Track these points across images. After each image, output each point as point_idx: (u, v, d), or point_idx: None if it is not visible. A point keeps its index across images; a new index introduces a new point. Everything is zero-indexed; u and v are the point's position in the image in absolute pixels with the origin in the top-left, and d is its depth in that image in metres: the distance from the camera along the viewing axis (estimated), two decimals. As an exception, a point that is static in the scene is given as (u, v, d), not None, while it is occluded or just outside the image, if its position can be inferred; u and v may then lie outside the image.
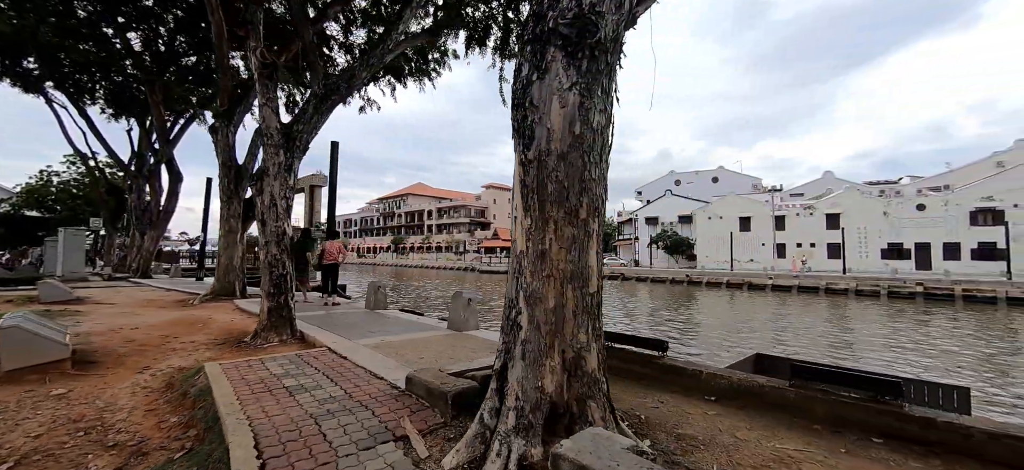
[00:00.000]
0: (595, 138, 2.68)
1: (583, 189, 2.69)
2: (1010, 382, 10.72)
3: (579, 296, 2.76)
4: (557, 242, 2.71)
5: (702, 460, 2.74)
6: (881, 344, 15.14)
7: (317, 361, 4.79)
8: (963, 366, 12.22)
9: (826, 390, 3.39)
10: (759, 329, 18.30)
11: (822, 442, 3.04)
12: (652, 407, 3.72)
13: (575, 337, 2.75)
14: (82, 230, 16.43)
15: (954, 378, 10.94)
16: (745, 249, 43.30)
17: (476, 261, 63.92)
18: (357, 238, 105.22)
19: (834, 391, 3.35)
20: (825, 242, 39.26)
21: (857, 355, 13.51)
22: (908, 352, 13.92)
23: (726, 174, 56.96)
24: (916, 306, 25.55)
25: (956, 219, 33.84)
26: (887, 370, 11.68)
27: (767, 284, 35.43)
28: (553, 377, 2.72)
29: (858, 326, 19.04)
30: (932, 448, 2.89)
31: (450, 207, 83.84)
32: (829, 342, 15.45)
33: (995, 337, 16.25)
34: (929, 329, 18.13)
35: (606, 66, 2.66)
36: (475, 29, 14.12)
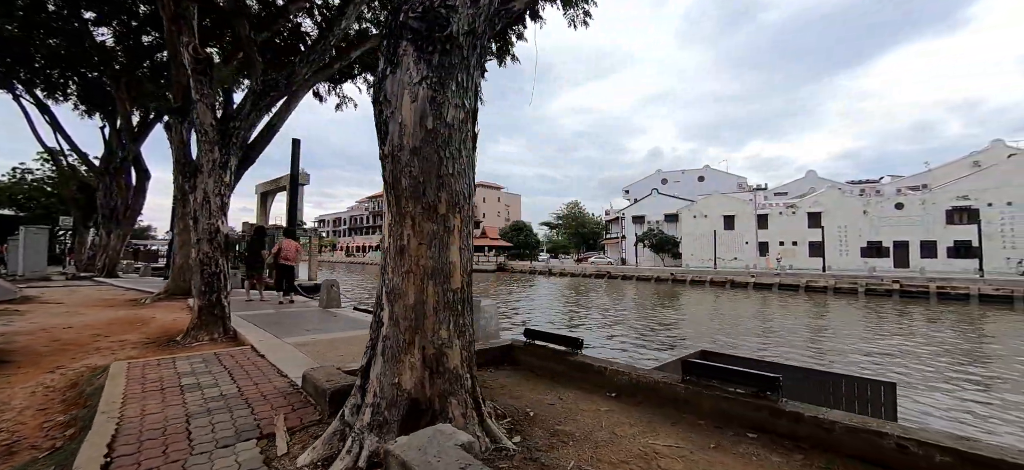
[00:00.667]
0: (452, 133, 2.64)
1: (441, 184, 2.66)
2: (954, 377, 10.89)
3: (441, 292, 2.72)
4: (416, 237, 2.67)
5: (564, 456, 2.73)
6: (848, 339, 15.32)
7: (230, 359, 4.72)
8: (916, 361, 12.40)
9: (712, 386, 3.40)
10: (731, 326, 18.44)
11: (697, 437, 3.03)
12: (548, 404, 3.71)
13: (436, 333, 2.72)
14: (43, 228, 16.12)
15: (911, 373, 11.10)
16: (729, 247, 43.66)
17: (464, 260, 63.81)
18: (346, 237, 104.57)
19: (720, 387, 3.36)
20: (807, 240, 39.70)
21: (821, 352, 13.65)
22: (870, 346, 14.09)
23: (712, 173, 57.36)
24: (892, 303, 25.92)
25: (933, 218, 34.36)
26: (843, 364, 11.82)
27: (749, 282, 35.74)
28: (413, 374, 2.69)
29: (830, 323, 19.25)
30: (800, 443, 2.90)
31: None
32: (800, 338, 15.60)
33: (958, 333, 16.51)
34: (899, 325, 18.38)
35: (461, 60, 2.63)
36: None
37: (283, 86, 6.80)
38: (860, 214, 37.48)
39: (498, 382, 4.33)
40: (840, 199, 38.98)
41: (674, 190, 56.18)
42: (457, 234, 2.76)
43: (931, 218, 34.44)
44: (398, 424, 2.62)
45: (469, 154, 2.79)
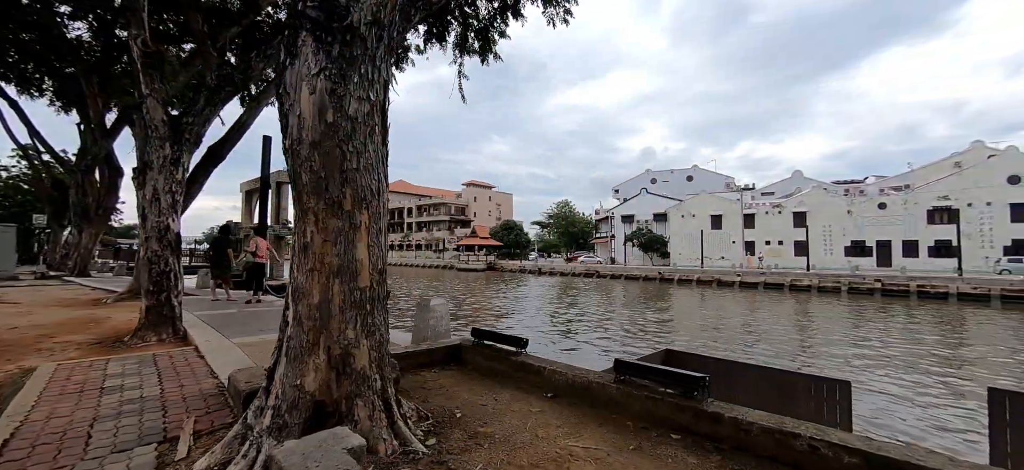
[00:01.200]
0: (355, 126, 2.55)
1: (345, 179, 2.57)
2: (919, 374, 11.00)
3: (347, 291, 2.64)
4: (319, 234, 2.58)
5: (474, 459, 2.65)
6: (819, 336, 15.44)
7: (168, 361, 4.59)
8: (889, 358, 12.51)
9: (643, 386, 3.34)
10: (711, 324, 18.52)
11: (620, 439, 2.98)
12: (480, 405, 3.63)
13: (343, 334, 2.63)
14: (10, 226, 15.74)
15: (878, 370, 11.19)
16: (716, 247, 43.95)
17: (455, 259, 63.65)
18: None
19: (652, 387, 3.31)
20: (792, 240, 40.06)
21: (793, 350, 13.73)
22: (842, 345, 14.21)
23: (700, 173, 57.68)
24: (873, 302, 26.22)
25: (914, 217, 34.83)
26: (816, 362, 11.89)
27: (735, 281, 35.99)
28: (317, 375, 2.60)
29: (808, 321, 19.40)
30: (720, 444, 2.85)
31: (430, 205, 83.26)
32: (776, 336, 15.69)
33: (932, 332, 16.72)
34: (874, 323, 18.57)
35: (365, 52, 2.54)
36: (433, 24, 13.97)
37: (238, 81, 6.65)
38: (844, 214, 37.90)
39: (438, 383, 4.25)
40: (825, 199, 39.39)
41: (663, 190, 56.44)
42: (365, 231, 2.67)
43: (913, 218, 34.91)
44: (300, 427, 2.53)
45: (377, 149, 2.70)
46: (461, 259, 60.99)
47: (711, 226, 44.60)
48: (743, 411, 2.86)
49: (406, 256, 76.14)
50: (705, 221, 44.78)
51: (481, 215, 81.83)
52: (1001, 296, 24.83)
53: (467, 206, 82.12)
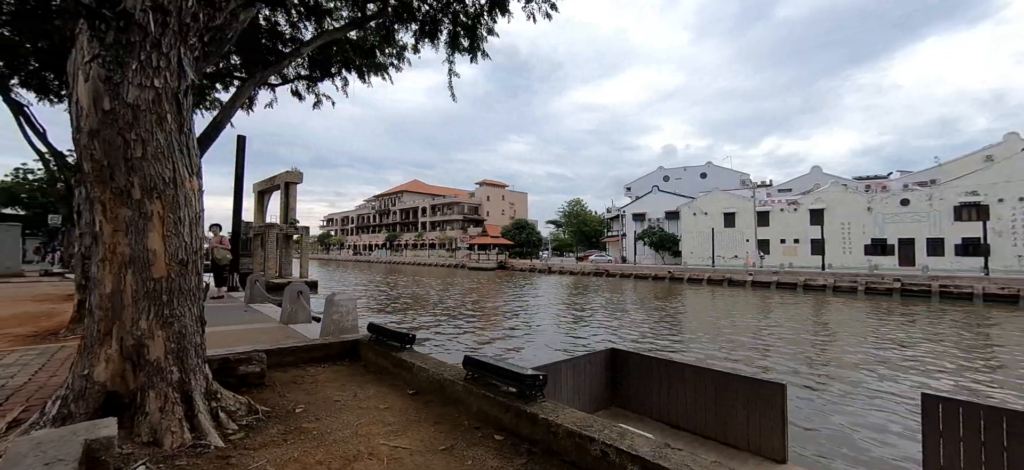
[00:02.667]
0: (137, 114, 2.50)
1: (131, 168, 2.52)
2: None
3: (140, 281, 2.59)
4: (108, 224, 2.54)
5: (264, 456, 2.56)
6: (822, 338, 14.74)
7: (66, 353, 4.68)
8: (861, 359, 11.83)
9: (487, 384, 3.20)
10: (704, 324, 17.96)
11: (440, 438, 2.84)
12: (334, 400, 3.54)
13: (136, 324, 2.58)
14: (15, 225, 16.60)
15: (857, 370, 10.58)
16: (729, 245, 42.71)
17: (466, 258, 63.92)
18: (354, 235, 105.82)
19: (494, 386, 3.16)
20: (809, 238, 38.55)
21: (771, 351, 13.16)
22: (837, 346, 13.53)
23: (715, 169, 56.15)
24: (890, 302, 24.98)
25: (940, 214, 32.99)
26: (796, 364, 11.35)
27: (747, 280, 34.92)
28: (109, 366, 2.56)
29: (811, 323, 18.60)
30: (534, 446, 2.69)
31: (444, 204, 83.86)
32: (767, 337, 15.08)
33: (950, 332, 15.74)
34: (884, 325, 17.65)
35: (145, 38, 2.48)
36: (425, 22, 14.05)
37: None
38: (864, 211, 36.23)
39: (317, 377, 4.18)
40: (843, 195, 37.74)
41: (676, 187, 55.22)
42: (159, 221, 2.61)
43: (938, 215, 33.07)
44: (86, 417, 2.49)
45: (171, 137, 2.64)
46: (472, 258, 61.20)
47: (724, 224, 43.37)
48: (558, 412, 2.68)
49: (420, 255, 76.90)
50: (718, 219, 43.57)
51: (494, 214, 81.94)
52: (1032, 297, 23.27)
53: (480, 205, 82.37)
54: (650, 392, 5.97)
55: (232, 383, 3.63)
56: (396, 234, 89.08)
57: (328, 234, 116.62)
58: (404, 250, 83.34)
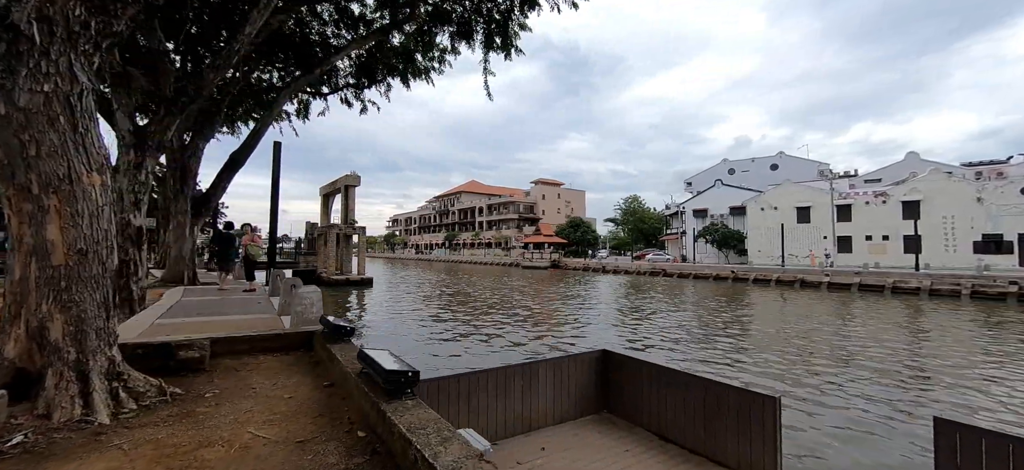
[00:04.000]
0: (30, 117, 2.74)
1: (29, 166, 2.77)
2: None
3: (41, 269, 2.85)
4: (15, 217, 2.82)
5: (142, 436, 2.70)
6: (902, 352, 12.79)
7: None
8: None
9: (370, 380, 3.13)
10: (768, 335, 16.40)
11: (308, 431, 2.82)
12: (251, 388, 3.66)
13: (39, 307, 2.85)
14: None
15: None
16: (803, 243, 38.73)
17: (520, 257, 64.22)
18: (416, 235, 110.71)
19: (375, 381, 3.09)
20: (901, 234, 33.83)
21: (818, 370, 11.61)
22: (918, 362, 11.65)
23: (788, 160, 51.12)
24: (1004, 309, 21.09)
25: (1077, 204, 27.34)
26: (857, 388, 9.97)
27: (822, 282, 31.45)
28: (17, 344, 2.84)
29: (908, 330, 16.26)
30: (381, 445, 2.57)
31: (499, 203, 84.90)
32: (854, 344, 13.42)
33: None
34: (980, 336, 14.96)
35: (33, 47, 2.71)
36: (460, 23, 14.35)
37: (192, 93, 7.44)
38: (972, 202, 31.05)
39: (259, 365, 4.36)
40: (945, 185, 32.63)
41: (744, 180, 51.13)
42: (56, 213, 2.86)
43: (1075, 204, 27.45)
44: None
45: (63, 136, 2.86)
46: (525, 257, 61.34)
47: (797, 220, 39.40)
48: (406, 413, 2.54)
49: (476, 254, 78.54)
50: (789, 214, 39.68)
51: (549, 213, 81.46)
52: None
53: (536, 204, 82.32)
54: (642, 399, 5.55)
55: (172, 366, 3.89)
56: (454, 233, 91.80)
57: (393, 234, 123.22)
58: (462, 249, 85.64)
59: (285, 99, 13.01)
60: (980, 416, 7.81)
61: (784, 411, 4.57)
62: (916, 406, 8.28)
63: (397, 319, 18.33)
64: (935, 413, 3.53)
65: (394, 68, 16.72)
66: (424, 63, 16.95)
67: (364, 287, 30.10)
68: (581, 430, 5.25)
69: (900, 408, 8.17)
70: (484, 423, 4.68)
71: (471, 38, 15.01)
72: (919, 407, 8.22)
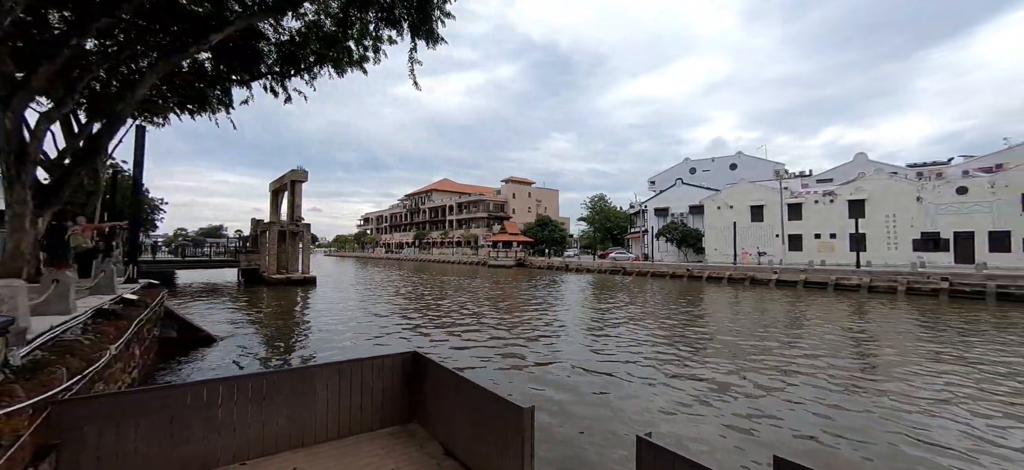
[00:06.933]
0: None
1: None
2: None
3: None
4: None
5: None
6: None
7: None
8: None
9: None
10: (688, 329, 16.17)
11: None
12: None
13: None
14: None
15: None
16: (756, 241, 39.32)
17: (487, 256, 63.56)
18: (387, 234, 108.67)
19: None
20: (847, 232, 34.63)
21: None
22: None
23: (746, 159, 52.01)
24: (935, 305, 21.54)
25: (1006, 204, 28.41)
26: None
27: (771, 279, 31.88)
28: None
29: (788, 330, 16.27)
30: None
31: (470, 202, 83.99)
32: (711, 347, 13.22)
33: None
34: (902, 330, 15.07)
35: None
36: (377, 8, 13.55)
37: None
38: (913, 201, 31.98)
39: None
40: (889, 184, 33.55)
41: (705, 180, 51.76)
42: None
43: (1003, 204, 28.51)
44: None
45: None
46: (491, 256, 60.73)
47: (751, 218, 39.98)
48: None
49: (445, 253, 77.49)
50: (744, 213, 40.24)
51: (520, 212, 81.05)
52: (1114, 300, 19.29)
53: (506, 203, 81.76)
54: (443, 409, 4.94)
55: None
56: (424, 232, 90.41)
57: (365, 233, 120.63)
58: (431, 248, 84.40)
59: (150, 80, 11.87)
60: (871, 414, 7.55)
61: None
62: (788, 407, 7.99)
63: (285, 324, 17.41)
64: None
65: (323, 56, 15.89)
66: (358, 53, 16.16)
67: (307, 287, 28.88)
68: (368, 444, 4.62)
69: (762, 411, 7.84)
70: (227, 440, 4.00)
71: (397, 25, 14.31)
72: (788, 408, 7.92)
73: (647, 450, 2.71)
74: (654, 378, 9.49)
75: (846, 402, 8.02)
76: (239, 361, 10.73)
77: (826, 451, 6.21)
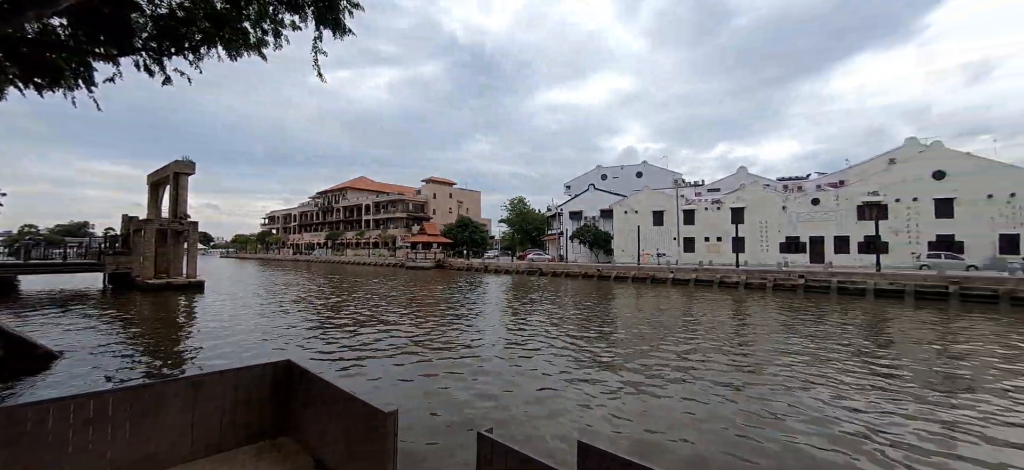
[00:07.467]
0: None
1: None
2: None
3: None
4: None
5: None
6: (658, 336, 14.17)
7: None
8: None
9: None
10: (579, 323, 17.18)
11: None
12: None
13: None
14: None
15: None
16: (657, 243, 42.99)
17: (406, 257, 61.76)
18: (296, 234, 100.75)
19: None
20: (730, 236, 39.27)
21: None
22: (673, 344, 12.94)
23: (650, 169, 56.84)
24: (793, 298, 25.25)
25: (846, 213, 34.26)
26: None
27: (668, 278, 35.04)
28: None
29: (686, 318, 18.20)
30: None
31: (388, 201, 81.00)
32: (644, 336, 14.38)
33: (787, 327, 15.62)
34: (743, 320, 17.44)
35: None
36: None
37: None
38: (780, 210, 37.22)
39: None
40: (762, 195, 38.68)
41: (614, 186, 55.42)
42: None
43: (844, 214, 34.35)
44: None
45: None
46: (409, 257, 59.16)
47: (653, 222, 43.65)
48: None
49: (360, 254, 73.82)
50: (647, 217, 43.81)
51: (441, 212, 79.96)
52: (915, 292, 24.17)
53: (426, 203, 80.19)
54: (315, 420, 4.70)
55: None
56: (338, 232, 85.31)
57: (269, 232, 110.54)
58: (346, 250, 79.88)
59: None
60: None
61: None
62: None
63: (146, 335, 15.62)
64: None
65: (211, 35, 14.28)
66: (256, 36, 14.76)
67: (192, 293, 25.70)
68: (226, 465, 4.27)
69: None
70: None
71: (300, 10, 13.36)
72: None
73: (485, 444, 2.83)
74: (557, 382, 9.95)
75: (719, 389, 9.12)
76: (86, 379, 9.25)
77: (693, 424, 7.00)
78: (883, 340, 13.94)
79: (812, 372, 10.16)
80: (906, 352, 12.28)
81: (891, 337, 14.50)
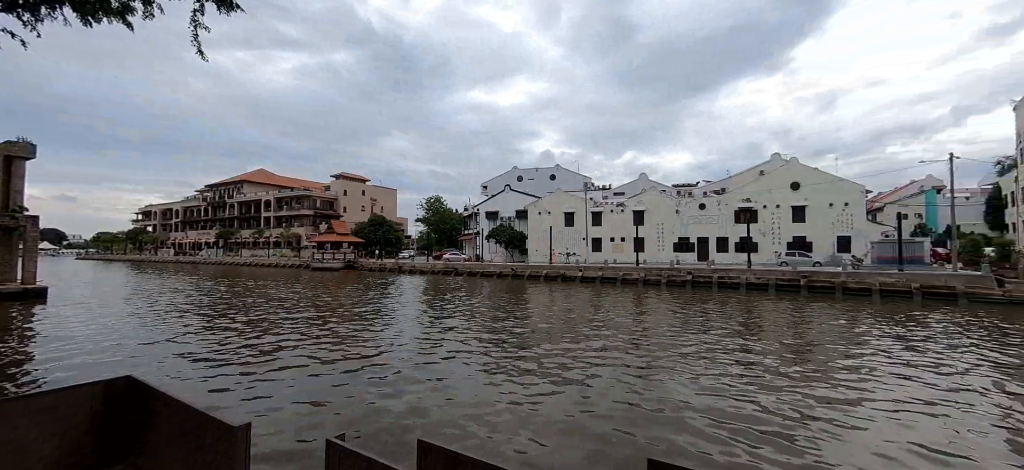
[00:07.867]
0: None
1: None
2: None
3: None
4: None
5: None
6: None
7: None
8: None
9: None
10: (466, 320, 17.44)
11: None
12: None
13: None
14: None
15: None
16: (568, 243, 45.08)
17: (312, 258, 57.44)
18: (179, 231, 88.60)
19: None
20: (632, 237, 42.48)
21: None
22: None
23: (563, 172, 59.58)
24: (681, 292, 28.02)
25: (726, 217, 38.91)
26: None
27: (577, 276, 36.88)
28: None
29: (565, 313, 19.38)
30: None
31: (292, 197, 74.67)
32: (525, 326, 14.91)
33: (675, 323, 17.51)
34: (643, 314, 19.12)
35: None
36: None
37: None
38: (673, 213, 41.12)
39: None
40: (660, 199, 42.43)
41: (529, 187, 57.04)
42: None
43: (725, 217, 38.98)
44: None
45: None
46: (315, 257, 55.15)
47: (565, 223, 45.67)
48: None
49: (259, 255, 67.10)
50: (560, 218, 45.73)
51: (353, 210, 75.71)
52: (776, 285, 28.25)
53: (336, 200, 75.40)
54: (157, 442, 4.10)
55: None
56: (232, 230, 76.66)
57: (143, 230, 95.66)
58: (241, 249, 72.06)
59: None
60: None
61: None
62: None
63: None
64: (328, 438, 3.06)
65: None
66: (119, 1, 12.52)
67: (29, 302, 21.26)
68: None
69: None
70: None
71: None
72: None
73: (333, 451, 2.71)
74: (459, 385, 9.89)
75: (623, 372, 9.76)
76: None
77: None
78: (753, 325, 16.07)
79: (695, 358, 11.37)
80: (767, 335, 14.30)
81: (759, 323, 16.78)
